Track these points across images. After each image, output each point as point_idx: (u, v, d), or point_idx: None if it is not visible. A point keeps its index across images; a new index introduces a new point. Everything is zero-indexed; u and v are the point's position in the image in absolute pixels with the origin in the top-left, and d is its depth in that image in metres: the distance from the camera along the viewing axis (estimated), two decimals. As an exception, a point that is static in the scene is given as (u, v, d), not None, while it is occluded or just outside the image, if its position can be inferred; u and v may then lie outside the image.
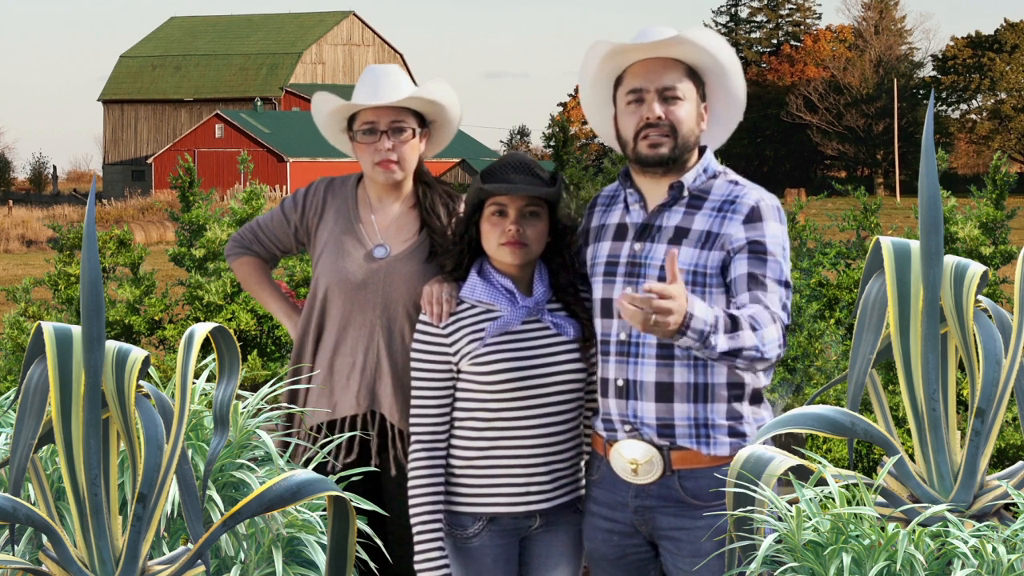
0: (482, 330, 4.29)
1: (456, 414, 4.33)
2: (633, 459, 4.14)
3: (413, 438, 4.33)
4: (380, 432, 4.68)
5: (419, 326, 4.37)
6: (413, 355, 4.36)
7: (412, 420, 4.34)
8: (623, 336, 4.17)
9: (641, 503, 4.17)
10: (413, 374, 4.35)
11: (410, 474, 4.32)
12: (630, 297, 3.68)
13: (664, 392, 4.12)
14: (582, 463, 4.41)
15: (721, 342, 3.82)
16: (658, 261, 4.13)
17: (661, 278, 4.09)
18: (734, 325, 3.86)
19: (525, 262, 4.31)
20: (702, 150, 4.26)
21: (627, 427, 4.16)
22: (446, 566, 4.25)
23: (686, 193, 4.18)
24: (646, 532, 4.20)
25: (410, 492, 4.30)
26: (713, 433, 4.12)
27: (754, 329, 3.90)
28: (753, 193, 4.16)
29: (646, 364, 4.14)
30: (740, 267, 4.07)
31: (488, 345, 4.27)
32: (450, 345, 4.31)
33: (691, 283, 4.09)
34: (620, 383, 4.17)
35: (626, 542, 4.23)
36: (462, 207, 4.73)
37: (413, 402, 4.35)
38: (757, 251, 4.08)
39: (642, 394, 4.13)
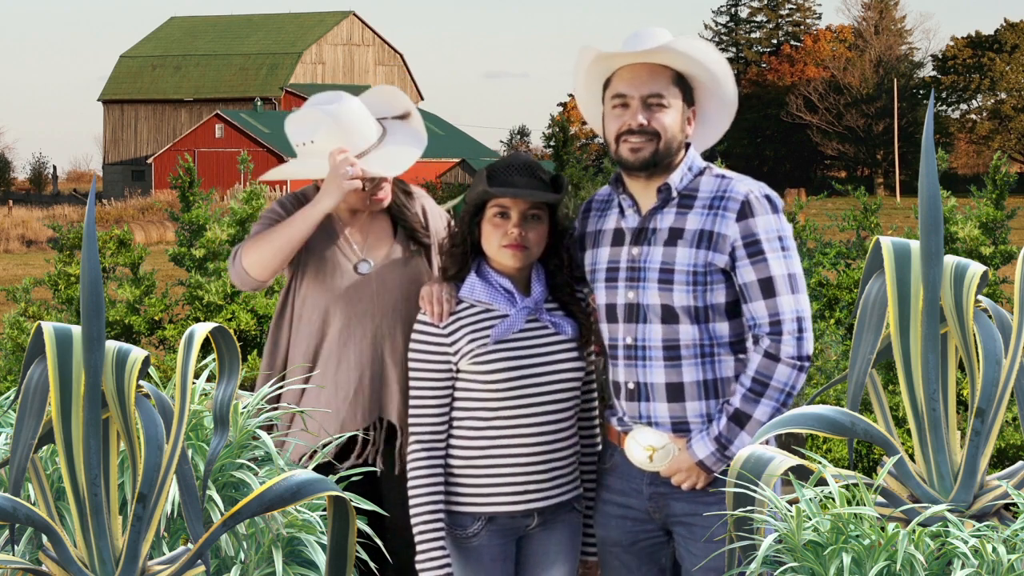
0: (482, 329, 4.30)
1: (455, 414, 4.33)
2: (650, 445, 4.18)
3: (412, 438, 4.33)
4: (387, 436, 4.68)
5: (418, 326, 4.38)
6: (412, 355, 4.37)
7: (411, 420, 4.35)
8: (629, 340, 4.21)
9: (655, 490, 4.22)
10: (412, 374, 4.35)
11: (410, 474, 4.32)
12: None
13: (675, 392, 4.18)
14: (579, 462, 4.43)
15: (743, 440, 4.05)
16: (656, 264, 4.18)
17: (660, 280, 4.16)
18: (739, 419, 4.08)
19: (525, 265, 4.32)
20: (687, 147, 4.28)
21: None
22: (448, 565, 4.26)
23: (675, 194, 4.22)
24: (660, 519, 4.24)
25: (410, 492, 4.31)
26: None
27: (760, 395, 4.08)
28: (741, 186, 4.19)
29: (655, 366, 4.18)
30: (744, 274, 4.14)
31: (489, 345, 4.27)
32: (450, 344, 4.31)
33: (691, 283, 4.14)
34: (631, 386, 4.22)
35: (639, 528, 4.27)
36: (415, 191, 4.79)
37: (412, 402, 4.35)
38: (755, 252, 4.13)
39: (654, 396, 4.19)
